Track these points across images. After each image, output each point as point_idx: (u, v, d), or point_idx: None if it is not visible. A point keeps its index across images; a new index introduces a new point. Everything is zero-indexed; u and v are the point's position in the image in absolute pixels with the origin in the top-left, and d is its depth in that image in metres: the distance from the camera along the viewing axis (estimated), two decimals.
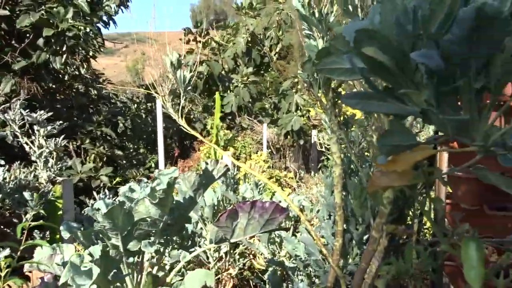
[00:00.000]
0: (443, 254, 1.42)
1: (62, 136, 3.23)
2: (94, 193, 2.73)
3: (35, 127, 3.08)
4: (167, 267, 1.88)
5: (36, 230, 2.53)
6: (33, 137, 3.06)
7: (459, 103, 0.59)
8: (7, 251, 1.79)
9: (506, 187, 0.96)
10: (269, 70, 8.59)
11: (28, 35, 4.88)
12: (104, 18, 5.78)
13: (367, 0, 1.67)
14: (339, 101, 2.10)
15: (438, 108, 0.55)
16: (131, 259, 1.43)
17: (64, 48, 4.91)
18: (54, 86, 5.53)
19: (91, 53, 5.95)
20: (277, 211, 1.35)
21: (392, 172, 0.60)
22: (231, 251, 2.53)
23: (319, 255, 1.98)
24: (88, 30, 5.24)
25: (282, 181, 4.97)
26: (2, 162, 2.75)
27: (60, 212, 2.58)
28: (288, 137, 6.93)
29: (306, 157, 7.45)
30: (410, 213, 2.09)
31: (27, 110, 3.16)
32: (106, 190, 2.92)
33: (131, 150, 6.28)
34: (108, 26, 5.96)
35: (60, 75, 5.69)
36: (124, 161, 5.77)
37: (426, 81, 0.52)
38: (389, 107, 0.60)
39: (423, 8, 0.56)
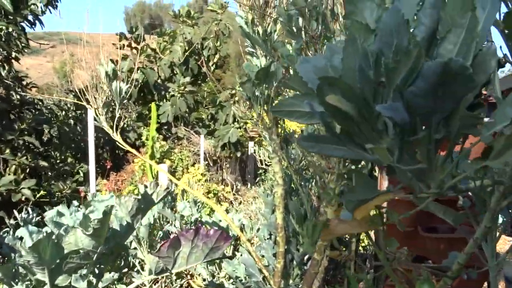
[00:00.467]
0: (385, 277, 1.46)
1: None
2: (16, 212, 2.48)
3: None
4: None
5: None
6: None
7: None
8: None
9: (443, 214, 0.99)
10: (207, 80, 8.51)
11: None
12: (30, 17, 5.37)
13: (312, 23, 1.69)
14: (281, 121, 2.10)
15: (400, 156, 0.54)
16: None
17: None
18: None
19: (13, 54, 5.48)
20: (222, 239, 1.30)
21: (352, 220, 0.59)
22: None
23: (260, 276, 1.96)
24: (10, 29, 4.83)
25: (220, 195, 4.91)
26: None
27: None
28: (225, 148, 6.89)
29: (243, 169, 7.45)
30: None
31: None
32: (29, 209, 2.66)
33: (58, 161, 5.85)
34: (34, 26, 5.55)
35: None
36: (50, 173, 5.35)
37: (392, 133, 0.51)
38: (347, 153, 0.59)
39: (386, 54, 0.55)
